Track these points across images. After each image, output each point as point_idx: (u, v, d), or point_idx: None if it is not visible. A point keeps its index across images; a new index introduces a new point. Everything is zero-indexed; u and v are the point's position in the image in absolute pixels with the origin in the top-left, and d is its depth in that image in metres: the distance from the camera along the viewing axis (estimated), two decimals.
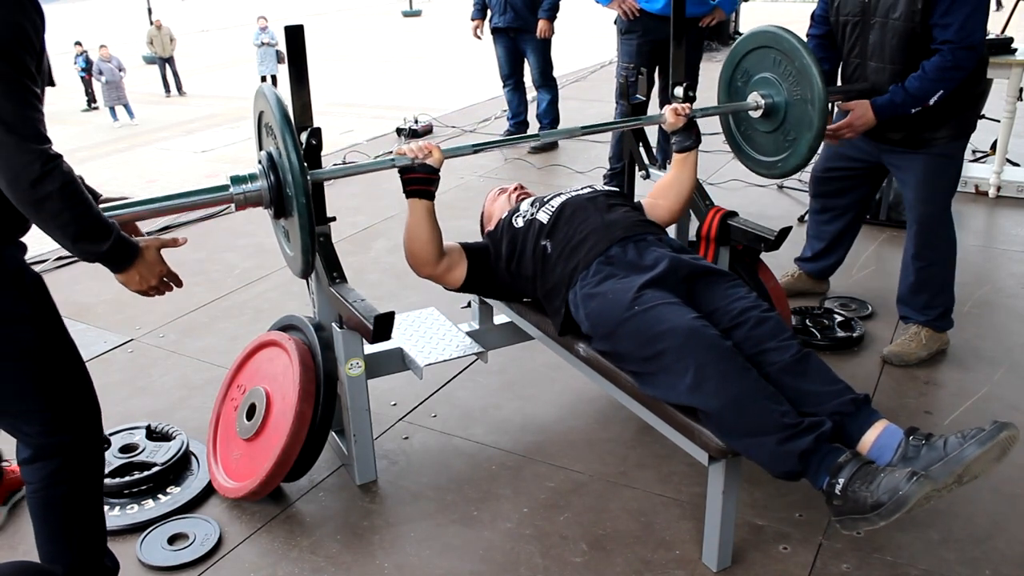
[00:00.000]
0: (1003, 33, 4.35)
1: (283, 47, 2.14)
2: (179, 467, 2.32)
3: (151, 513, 2.16)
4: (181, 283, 1.74)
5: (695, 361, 1.76)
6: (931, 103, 2.50)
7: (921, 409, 2.59)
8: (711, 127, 3.10)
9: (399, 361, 2.43)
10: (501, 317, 2.60)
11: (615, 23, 4.34)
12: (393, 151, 2.12)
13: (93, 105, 14.20)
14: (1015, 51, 4.12)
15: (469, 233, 2.47)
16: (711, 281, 2.01)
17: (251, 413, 2.22)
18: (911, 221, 2.80)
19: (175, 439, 2.40)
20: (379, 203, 4.57)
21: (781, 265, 3.30)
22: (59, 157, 1.42)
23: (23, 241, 1.60)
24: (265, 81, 13.18)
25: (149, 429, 2.44)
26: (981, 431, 1.65)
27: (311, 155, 2.06)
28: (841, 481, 1.66)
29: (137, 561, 2.01)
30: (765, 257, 2.56)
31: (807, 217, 3.43)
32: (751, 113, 2.59)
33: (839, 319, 3.05)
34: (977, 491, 2.10)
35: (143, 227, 1.93)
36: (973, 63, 2.47)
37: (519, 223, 2.26)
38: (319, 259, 2.15)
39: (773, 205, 4.45)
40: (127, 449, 2.37)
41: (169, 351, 3.08)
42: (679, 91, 2.59)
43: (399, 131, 6.22)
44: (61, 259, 3.81)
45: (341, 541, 2.08)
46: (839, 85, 2.79)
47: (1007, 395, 2.64)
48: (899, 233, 3.66)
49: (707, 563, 1.95)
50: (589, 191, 2.29)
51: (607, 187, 2.42)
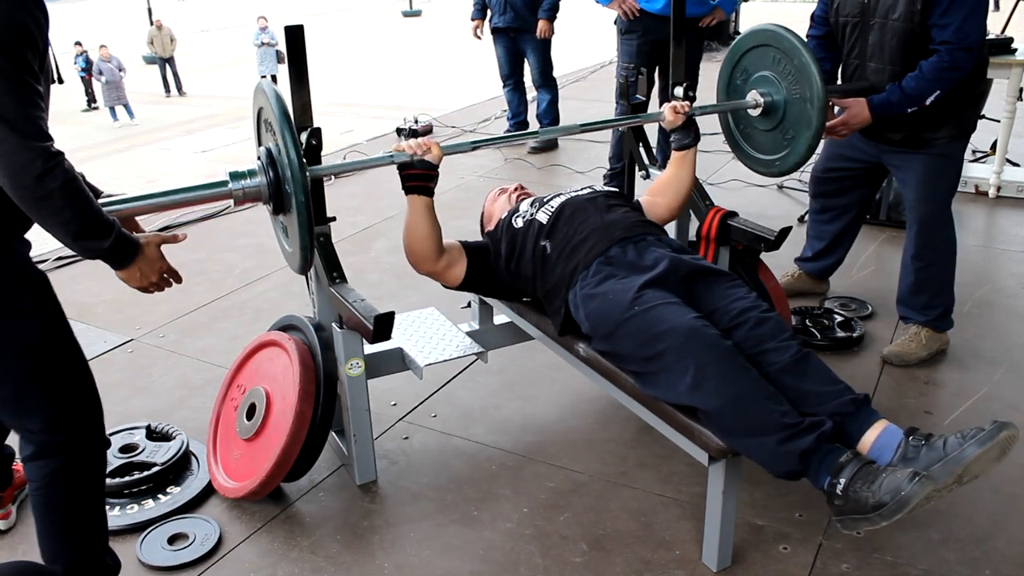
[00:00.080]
0: (1003, 33, 4.35)
1: (283, 47, 2.14)
2: (179, 467, 2.32)
3: (151, 513, 2.16)
4: (181, 279, 1.74)
5: (695, 361, 1.77)
6: (927, 103, 2.50)
7: (921, 409, 2.59)
8: (711, 128, 3.10)
9: (399, 361, 2.43)
10: (501, 317, 2.60)
11: (615, 23, 4.34)
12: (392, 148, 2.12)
13: (93, 105, 14.18)
14: (1015, 51, 4.12)
15: (469, 233, 2.47)
16: (711, 281, 2.01)
17: (251, 413, 2.22)
18: (911, 221, 2.80)
19: (175, 439, 2.40)
20: (379, 203, 4.57)
21: (781, 265, 3.30)
22: (60, 155, 1.42)
23: (28, 238, 1.60)
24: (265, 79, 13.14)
25: (149, 429, 2.44)
26: (981, 431, 1.65)
27: (311, 155, 2.06)
28: (842, 481, 1.66)
29: (137, 561, 2.01)
30: (765, 257, 2.56)
31: (807, 217, 3.43)
32: (750, 111, 2.59)
33: (839, 319, 3.05)
34: (977, 491, 2.10)
35: (146, 227, 1.93)
36: (970, 64, 2.47)
37: (519, 223, 2.26)
38: (319, 259, 2.15)
39: (773, 205, 4.44)
40: (127, 449, 2.37)
41: (169, 351, 3.08)
42: (679, 91, 2.59)
43: (399, 131, 6.22)
44: (61, 259, 3.82)
45: (341, 541, 2.08)
46: (839, 84, 2.79)
47: (1007, 395, 2.64)
48: (899, 233, 3.66)
49: (707, 563, 1.95)
50: (589, 191, 2.30)
51: (607, 187, 2.43)
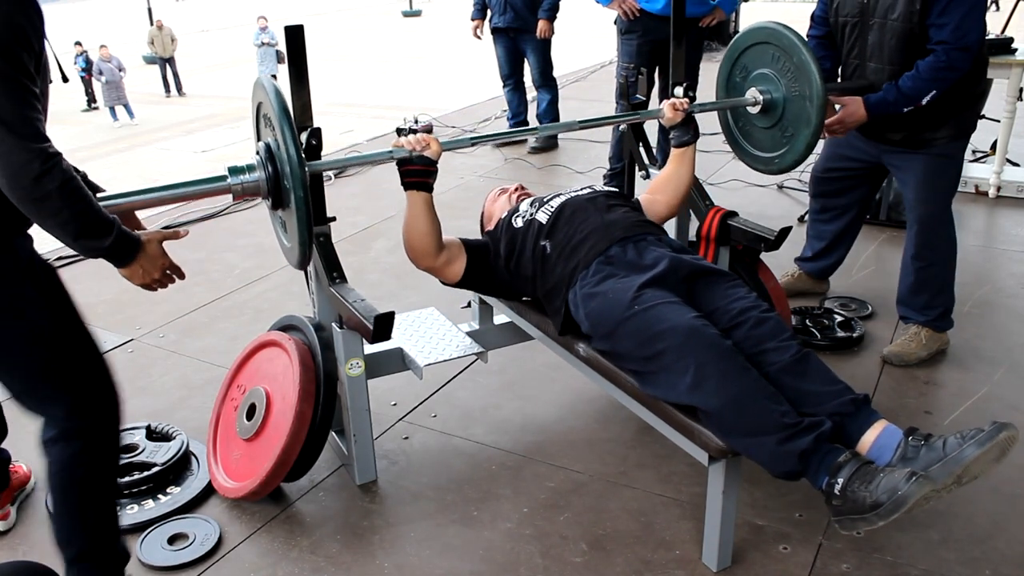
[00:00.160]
0: (1003, 33, 4.35)
1: (283, 47, 2.14)
2: (179, 467, 2.32)
3: (151, 513, 2.16)
4: (184, 275, 1.76)
5: (695, 360, 1.77)
6: (923, 103, 2.51)
7: (921, 409, 2.59)
8: (711, 128, 3.10)
9: (399, 361, 2.43)
10: (501, 317, 2.60)
11: (615, 23, 4.34)
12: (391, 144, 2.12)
13: (93, 105, 14.17)
14: (1015, 51, 4.12)
15: (468, 233, 2.47)
16: (711, 281, 2.01)
17: (251, 413, 2.22)
18: (911, 221, 2.80)
19: (175, 439, 2.40)
20: (379, 203, 4.57)
21: (781, 265, 3.30)
22: (58, 156, 1.43)
23: (31, 233, 1.61)
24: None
25: (149, 429, 2.44)
26: (980, 431, 1.65)
27: (311, 155, 2.07)
28: (840, 481, 1.66)
29: (137, 561, 2.01)
30: (765, 257, 2.56)
31: (807, 217, 3.43)
32: (749, 109, 2.59)
33: (839, 319, 3.05)
34: (977, 491, 2.10)
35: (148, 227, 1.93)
36: (967, 65, 2.47)
37: (518, 223, 2.26)
38: (319, 259, 2.15)
39: (773, 205, 4.44)
40: (127, 449, 2.36)
41: (169, 351, 3.09)
42: (679, 91, 2.58)
43: (399, 131, 6.11)
44: (62, 258, 3.81)
45: (341, 541, 2.08)
46: (838, 82, 2.79)
47: (1007, 395, 2.64)
48: (899, 233, 3.66)
49: (707, 563, 1.95)
50: (588, 191, 2.30)
51: (607, 187, 2.43)
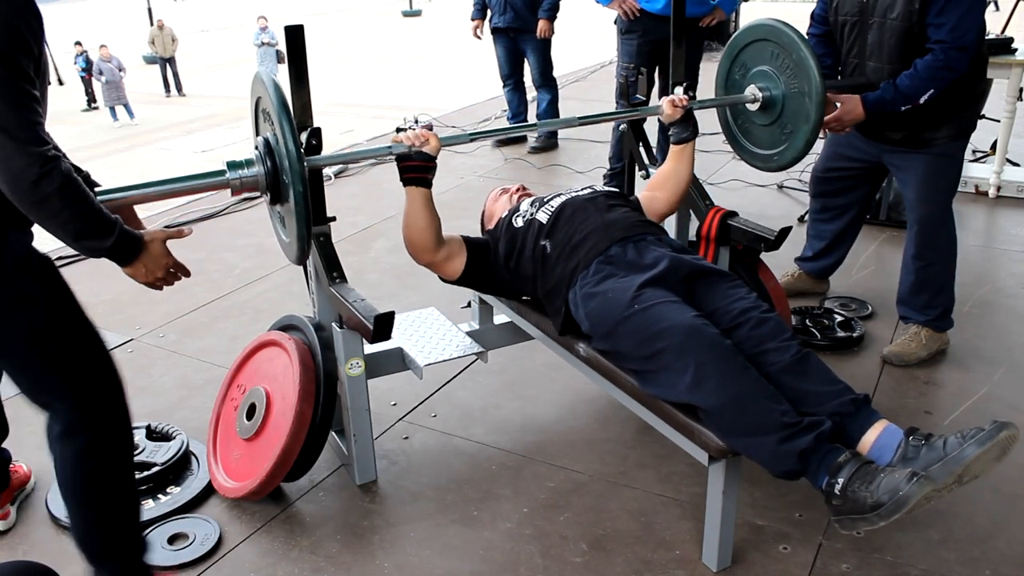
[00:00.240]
0: (1003, 33, 4.35)
1: (283, 47, 2.14)
2: (179, 467, 2.32)
3: (151, 513, 2.16)
4: (189, 273, 1.76)
5: (695, 359, 1.77)
6: (921, 102, 2.51)
7: (921, 409, 2.59)
8: (711, 128, 3.10)
9: (399, 361, 2.43)
10: (501, 317, 2.60)
11: (615, 23, 4.34)
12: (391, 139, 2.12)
13: (93, 105, 14.16)
14: (1015, 51, 4.12)
15: (468, 233, 2.47)
16: (711, 281, 2.01)
17: (251, 413, 2.22)
18: (911, 221, 2.80)
19: (175, 439, 2.40)
20: (379, 203, 4.57)
21: (781, 265, 3.30)
22: (57, 158, 1.43)
23: (31, 231, 1.61)
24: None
25: (149, 429, 2.44)
26: (981, 431, 1.65)
27: (311, 154, 2.07)
28: (840, 481, 1.66)
29: None
30: (765, 257, 2.56)
31: (807, 217, 3.43)
32: (748, 106, 2.59)
33: (839, 319, 3.05)
34: (977, 491, 2.10)
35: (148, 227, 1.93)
36: (965, 64, 2.47)
37: (519, 223, 2.26)
38: (319, 259, 2.15)
39: (773, 205, 4.44)
40: None
41: (169, 351, 3.08)
42: (679, 91, 2.58)
43: (399, 131, 6.19)
44: (62, 258, 3.81)
45: (341, 541, 2.08)
46: (837, 80, 2.79)
47: (1007, 395, 2.64)
48: (899, 233, 3.66)
49: (707, 563, 1.95)
50: (589, 191, 2.30)
51: (607, 187, 2.43)
